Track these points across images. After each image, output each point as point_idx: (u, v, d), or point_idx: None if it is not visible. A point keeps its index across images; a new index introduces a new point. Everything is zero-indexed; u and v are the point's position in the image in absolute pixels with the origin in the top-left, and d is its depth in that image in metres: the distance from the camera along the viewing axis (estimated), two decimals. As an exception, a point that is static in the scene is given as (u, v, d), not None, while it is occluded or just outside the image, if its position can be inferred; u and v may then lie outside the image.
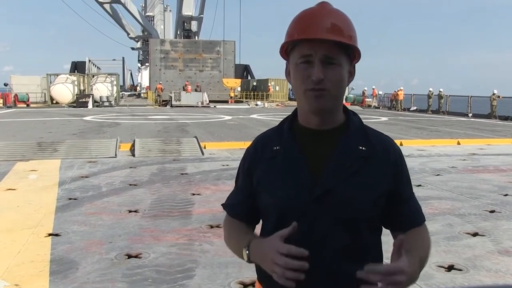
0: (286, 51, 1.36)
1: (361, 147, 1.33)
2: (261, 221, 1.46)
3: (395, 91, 33.52)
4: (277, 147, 1.37)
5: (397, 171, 1.36)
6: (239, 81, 43.39)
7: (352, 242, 1.28)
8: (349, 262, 1.27)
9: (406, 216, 1.39)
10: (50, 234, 5.00)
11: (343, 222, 1.28)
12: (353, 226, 1.29)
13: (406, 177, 1.40)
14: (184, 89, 36.39)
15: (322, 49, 1.26)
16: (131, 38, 70.68)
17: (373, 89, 37.47)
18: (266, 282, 1.40)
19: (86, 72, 47.80)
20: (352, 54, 1.33)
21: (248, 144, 1.50)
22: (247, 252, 1.34)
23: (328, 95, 1.28)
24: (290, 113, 1.43)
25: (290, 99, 47.66)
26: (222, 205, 1.55)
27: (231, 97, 40.78)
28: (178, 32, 62.88)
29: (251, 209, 1.43)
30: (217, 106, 33.95)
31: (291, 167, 1.32)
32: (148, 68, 51.14)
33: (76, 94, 34.89)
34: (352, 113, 1.41)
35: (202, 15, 57.12)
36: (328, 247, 1.27)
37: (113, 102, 34.31)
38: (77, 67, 54.55)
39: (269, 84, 45.74)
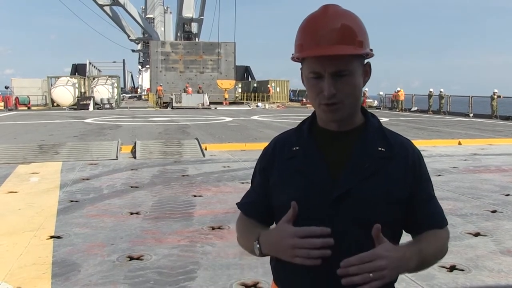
0: (298, 58, 1.33)
1: (380, 148, 1.32)
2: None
3: (395, 92, 33.46)
4: (296, 148, 1.36)
5: (417, 173, 1.35)
6: (233, 82, 43.25)
7: (371, 244, 1.25)
8: None
9: (426, 217, 1.36)
10: (51, 237, 5.00)
11: (361, 224, 1.27)
12: (371, 227, 1.25)
13: (426, 178, 1.38)
14: (185, 91, 36.38)
15: (332, 65, 1.23)
16: (131, 40, 70.69)
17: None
18: (282, 281, 1.38)
19: (86, 74, 47.82)
20: (365, 54, 1.30)
21: (249, 145, 1.50)
22: (258, 245, 1.32)
23: (343, 107, 1.28)
24: (310, 115, 1.42)
25: (291, 100, 47.69)
26: (236, 204, 1.53)
27: (225, 98, 40.68)
28: (179, 34, 62.90)
29: (266, 209, 1.42)
30: (217, 108, 33.97)
31: (310, 168, 1.32)
32: (149, 70, 51.18)
33: (77, 97, 34.92)
34: (371, 114, 1.40)
35: (202, 17, 57.10)
36: (345, 248, 1.25)
37: (114, 104, 34.31)
38: (78, 70, 54.55)
39: (270, 86, 45.76)
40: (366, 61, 1.34)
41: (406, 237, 1.37)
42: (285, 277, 1.35)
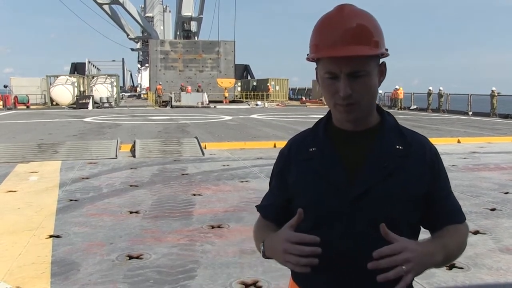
0: (313, 58, 1.32)
1: (398, 146, 1.31)
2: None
3: (394, 90, 33.45)
4: (313, 149, 1.35)
5: (435, 170, 1.34)
6: (233, 81, 43.28)
7: (390, 243, 1.24)
8: None
9: (445, 214, 1.36)
10: (51, 236, 5.00)
11: (380, 223, 1.24)
12: (391, 226, 1.25)
13: (443, 175, 1.38)
14: (181, 90, 36.31)
15: (348, 65, 1.22)
16: (130, 39, 70.68)
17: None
18: (302, 280, 1.39)
19: (86, 73, 47.85)
20: (380, 54, 1.29)
21: (248, 144, 1.50)
22: (262, 248, 1.33)
23: (358, 107, 1.27)
24: (325, 115, 1.41)
25: (290, 98, 47.69)
26: (256, 206, 1.52)
27: (225, 97, 40.70)
28: (178, 33, 62.85)
29: (283, 211, 1.42)
30: (217, 106, 33.96)
31: (327, 169, 1.31)
32: (148, 69, 51.17)
33: (76, 96, 34.88)
34: (387, 113, 1.40)
35: (201, 16, 57.09)
36: (365, 248, 1.24)
37: (113, 103, 34.29)
38: (77, 69, 54.61)
39: (269, 84, 45.75)
40: (381, 60, 1.32)
41: (423, 234, 1.36)
42: (304, 276, 1.32)
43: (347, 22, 1.23)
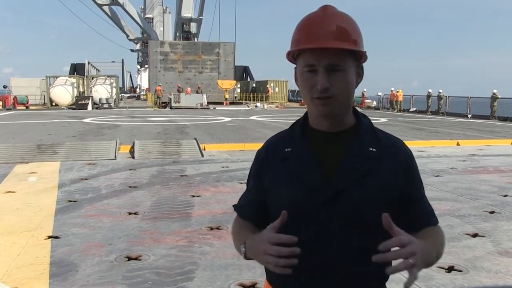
0: (293, 56, 1.36)
1: (371, 149, 1.33)
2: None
3: (392, 91, 33.47)
4: (289, 149, 1.37)
5: (408, 172, 1.36)
6: (233, 82, 43.29)
7: (364, 244, 1.27)
8: (360, 264, 1.28)
9: (419, 217, 1.37)
10: (49, 237, 4.99)
11: (354, 224, 1.28)
12: (365, 228, 1.28)
13: (417, 178, 1.40)
14: (178, 92, 36.27)
15: (326, 57, 1.26)
16: (130, 40, 70.68)
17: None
18: (275, 281, 1.40)
19: (85, 74, 47.77)
20: (358, 55, 1.32)
21: (248, 145, 1.51)
22: (244, 249, 1.33)
23: (335, 102, 1.29)
24: (301, 117, 1.43)
25: (289, 100, 47.68)
26: (233, 206, 1.54)
27: (225, 98, 40.70)
28: (178, 34, 62.90)
29: (261, 211, 1.43)
30: (216, 108, 33.97)
31: (302, 169, 1.33)
32: (148, 70, 51.14)
33: (76, 96, 34.87)
34: (362, 115, 1.42)
35: (201, 17, 57.15)
36: (339, 249, 1.27)
37: (112, 104, 34.28)
38: (77, 69, 54.50)
39: (269, 86, 45.75)
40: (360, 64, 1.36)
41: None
42: (277, 278, 1.36)
43: (329, 20, 1.29)
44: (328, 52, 1.25)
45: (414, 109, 32.15)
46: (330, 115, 1.32)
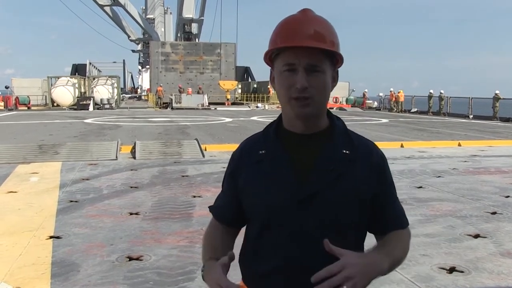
0: (270, 58, 1.37)
1: (345, 151, 1.34)
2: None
3: (393, 92, 33.47)
4: (263, 151, 1.38)
5: (381, 174, 1.38)
6: (235, 83, 43.32)
7: (338, 246, 1.26)
8: None
9: (390, 219, 1.40)
10: (51, 237, 5.00)
11: (328, 226, 1.29)
12: (339, 229, 1.30)
13: (389, 180, 1.41)
14: (179, 92, 36.31)
15: (306, 57, 1.27)
16: (131, 40, 70.79)
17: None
18: (250, 282, 1.43)
19: (87, 74, 47.87)
20: (335, 59, 1.34)
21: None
22: (202, 273, 1.40)
23: (313, 103, 1.30)
24: (275, 119, 1.45)
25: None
26: (209, 207, 1.57)
27: (227, 99, 40.71)
28: (179, 35, 62.94)
29: (236, 213, 1.45)
30: (217, 108, 33.98)
31: (276, 171, 1.34)
32: (149, 70, 51.21)
33: (77, 97, 34.96)
34: (336, 117, 1.43)
35: (202, 18, 57.12)
36: (313, 251, 1.28)
37: (113, 105, 34.35)
38: (78, 70, 54.58)
39: (269, 87, 45.74)
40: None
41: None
42: (252, 278, 1.38)
43: (308, 23, 1.30)
44: (308, 51, 1.27)
45: (415, 109, 32.15)
46: (306, 117, 1.33)
